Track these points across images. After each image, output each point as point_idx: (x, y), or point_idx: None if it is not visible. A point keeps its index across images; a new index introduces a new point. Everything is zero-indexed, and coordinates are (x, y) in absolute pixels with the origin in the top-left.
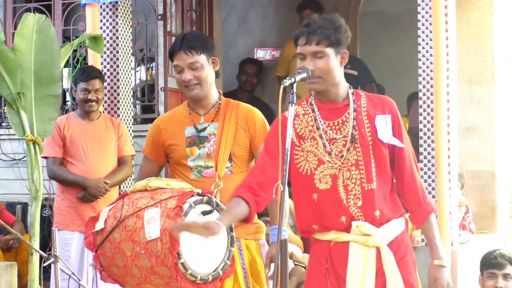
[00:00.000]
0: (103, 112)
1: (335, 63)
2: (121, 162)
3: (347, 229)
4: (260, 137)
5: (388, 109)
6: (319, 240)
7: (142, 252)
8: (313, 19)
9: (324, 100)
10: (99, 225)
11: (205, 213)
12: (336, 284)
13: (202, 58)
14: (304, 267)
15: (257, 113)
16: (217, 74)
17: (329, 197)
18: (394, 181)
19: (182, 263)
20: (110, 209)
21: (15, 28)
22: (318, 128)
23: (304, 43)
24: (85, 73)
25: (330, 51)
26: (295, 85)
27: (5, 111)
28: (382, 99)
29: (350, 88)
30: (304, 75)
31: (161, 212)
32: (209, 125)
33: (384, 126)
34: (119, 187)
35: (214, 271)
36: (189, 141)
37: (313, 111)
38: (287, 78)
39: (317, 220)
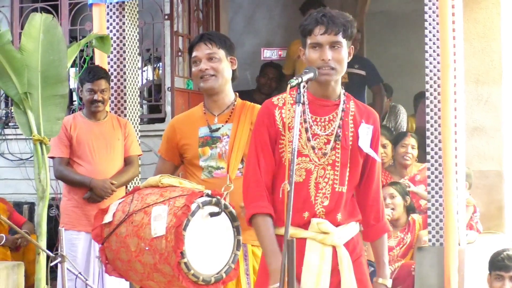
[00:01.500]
0: (110, 111)
1: (346, 56)
2: (127, 162)
3: (305, 225)
4: None
5: (372, 121)
6: (278, 236)
7: (147, 248)
8: (326, 10)
9: (318, 95)
10: (108, 218)
11: (212, 214)
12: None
13: (220, 53)
14: None
15: None
16: (234, 77)
17: (298, 191)
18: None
19: (185, 263)
20: (120, 203)
21: (22, 28)
22: (305, 121)
23: (323, 32)
24: (91, 73)
25: (344, 42)
26: (302, 84)
27: (12, 110)
28: (369, 109)
29: (342, 88)
30: (311, 74)
31: (169, 210)
32: (222, 125)
33: (365, 136)
34: (126, 187)
35: (217, 273)
36: (202, 141)
37: (303, 103)
38: (294, 78)
39: (280, 212)
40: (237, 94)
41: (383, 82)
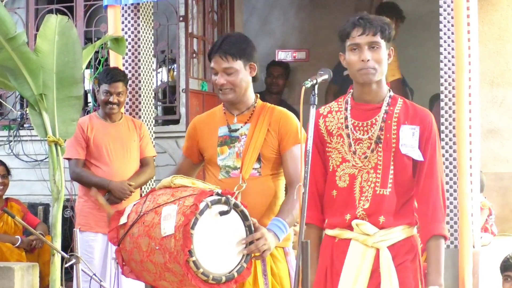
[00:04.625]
0: (125, 113)
1: (385, 57)
2: (143, 163)
3: (349, 227)
4: (288, 141)
5: (419, 121)
6: (326, 236)
7: (157, 247)
8: (364, 14)
9: (360, 99)
10: (123, 220)
11: (222, 213)
12: (331, 279)
13: (237, 64)
14: None
15: (291, 116)
16: (255, 78)
17: (344, 196)
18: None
19: (194, 261)
20: (134, 204)
21: (37, 30)
22: (346, 127)
23: (361, 33)
24: (109, 75)
25: (383, 43)
26: (316, 86)
27: (27, 112)
28: (419, 110)
29: (389, 91)
30: (325, 76)
31: (178, 209)
32: (242, 126)
33: (409, 137)
34: (141, 189)
35: (229, 273)
36: (221, 140)
37: (346, 109)
38: (309, 79)
39: (330, 216)
40: (258, 95)
41: (409, 86)
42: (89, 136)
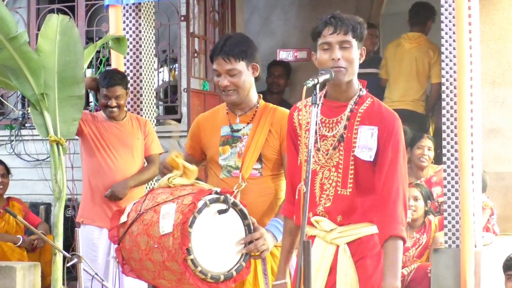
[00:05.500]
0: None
1: (357, 56)
2: (148, 161)
3: (313, 224)
4: None
5: (379, 121)
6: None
7: (156, 246)
8: (336, 13)
9: (330, 97)
10: (123, 218)
11: (220, 211)
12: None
13: (240, 65)
14: None
15: None
16: (258, 78)
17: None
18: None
19: (192, 260)
20: (134, 203)
21: (38, 29)
22: (316, 124)
23: (332, 32)
24: (106, 79)
25: (354, 43)
26: (317, 86)
27: (29, 111)
28: (383, 111)
29: (361, 90)
30: (327, 76)
31: (177, 208)
32: (244, 126)
33: (367, 138)
34: (145, 186)
35: (228, 271)
36: (223, 139)
37: (316, 105)
38: (310, 79)
39: (297, 212)
40: (261, 96)
41: None
42: (92, 128)
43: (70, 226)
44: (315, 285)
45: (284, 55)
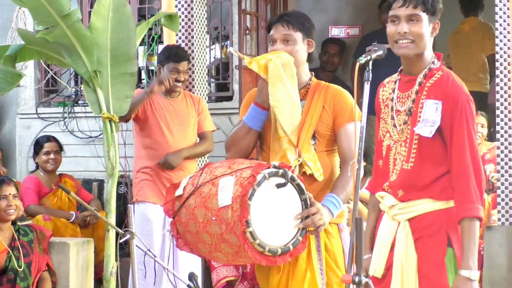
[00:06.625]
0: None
1: (427, 31)
2: (201, 137)
3: None
4: (343, 118)
5: (444, 96)
6: None
7: (214, 218)
8: None
9: (404, 71)
10: (179, 191)
11: (279, 185)
12: None
13: (297, 35)
14: None
15: (345, 94)
16: (311, 58)
17: (383, 167)
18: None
19: (251, 232)
20: (190, 177)
21: (91, 7)
22: (392, 99)
23: (400, 5)
24: (177, 54)
25: (425, 16)
26: (370, 62)
27: (82, 89)
28: (450, 85)
29: (433, 63)
30: (380, 52)
31: (235, 181)
32: None
33: (432, 112)
34: (196, 161)
35: (284, 245)
36: None
37: (395, 81)
38: (363, 55)
39: (378, 187)
40: (313, 73)
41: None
42: (146, 108)
43: (123, 203)
44: (378, 260)
45: (336, 31)
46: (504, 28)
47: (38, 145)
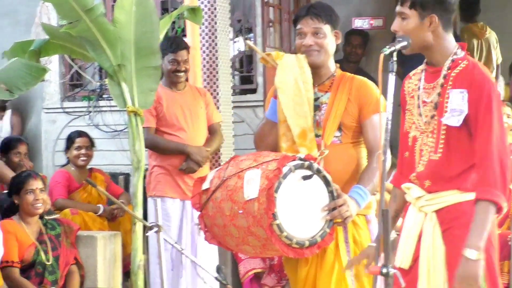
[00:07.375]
0: (202, 83)
1: (417, 26)
2: (211, 130)
3: None
4: (368, 109)
5: (468, 84)
6: None
7: (240, 211)
8: None
9: (428, 63)
10: (205, 185)
11: (305, 177)
12: None
13: (326, 28)
14: None
15: (370, 85)
16: (336, 50)
17: (410, 158)
18: None
19: (278, 225)
20: (216, 170)
21: (114, 1)
22: (418, 89)
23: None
24: (173, 44)
25: (412, 13)
26: (395, 53)
27: (106, 83)
28: (474, 74)
29: (455, 54)
30: (404, 43)
31: (261, 173)
32: (322, 95)
33: (458, 101)
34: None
35: (312, 237)
36: None
37: (422, 72)
38: (387, 46)
39: (404, 178)
40: (338, 65)
41: None
42: (162, 104)
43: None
44: (405, 252)
45: (359, 23)
46: None
47: (69, 140)
